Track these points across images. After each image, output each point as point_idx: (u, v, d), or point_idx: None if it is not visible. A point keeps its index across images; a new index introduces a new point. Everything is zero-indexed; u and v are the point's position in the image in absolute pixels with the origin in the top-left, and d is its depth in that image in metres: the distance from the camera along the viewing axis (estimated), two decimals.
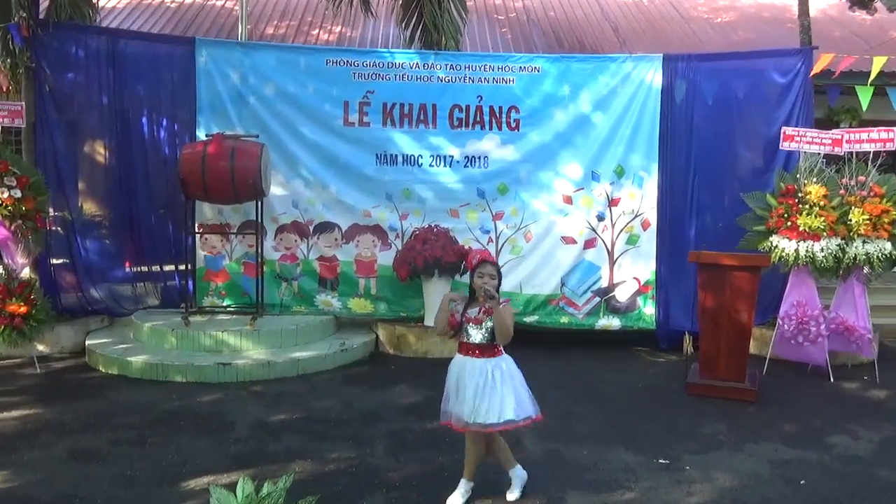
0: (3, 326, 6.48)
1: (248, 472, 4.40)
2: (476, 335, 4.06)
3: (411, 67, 7.64)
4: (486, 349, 4.04)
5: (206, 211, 7.72)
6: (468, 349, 4.07)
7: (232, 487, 2.60)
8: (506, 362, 4.08)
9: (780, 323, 6.81)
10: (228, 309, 7.70)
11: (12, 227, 6.60)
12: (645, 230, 7.65)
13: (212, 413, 5.56)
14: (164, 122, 7.66)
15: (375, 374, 6.72)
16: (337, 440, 5.04)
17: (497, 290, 4.04)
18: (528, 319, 7.65)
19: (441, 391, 4.25)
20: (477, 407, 3.93)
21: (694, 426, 5.44)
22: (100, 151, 7.67)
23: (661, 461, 4.76)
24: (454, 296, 4.14)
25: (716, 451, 4.95)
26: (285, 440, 5.02)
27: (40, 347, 7.08)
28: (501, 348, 4.10)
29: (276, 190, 7.66)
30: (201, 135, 7.50)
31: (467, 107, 7.64)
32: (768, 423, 5.55)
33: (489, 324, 4.04)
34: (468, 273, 4.21)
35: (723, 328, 6.14)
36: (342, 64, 7.63)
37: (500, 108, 7.65)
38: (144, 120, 7.62)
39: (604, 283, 7.71)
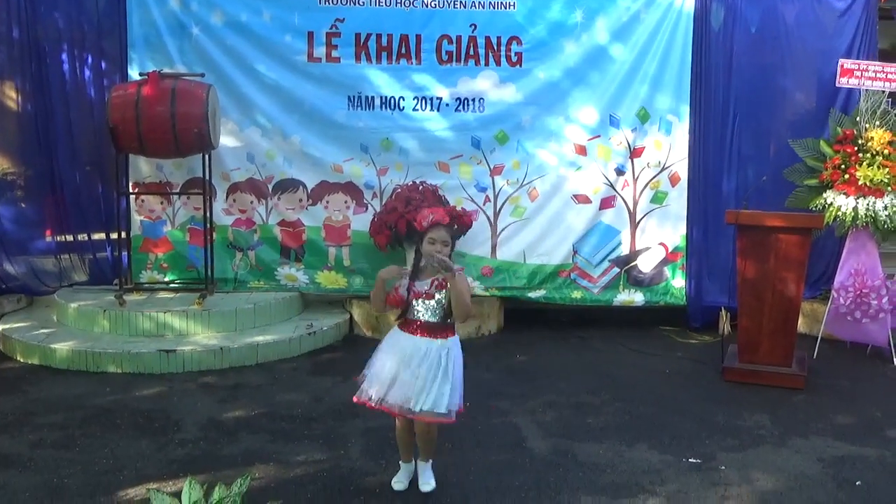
0: None
1: (197, 480, 4.43)
2: (426, 313, 4.14)
3: None
4: (438, 329, 4.15)
5: (143, 167, 7.69)
6: (416, 328, 4.16)
7: (177, 495, 2.63)
8: (456, 346, 4.20)
9: (835, 296, 6.87)
10: (172, 285, 7.70)
11: None
12: (674, 186, 7.67)
13: (153, 410, 5.58)
14: (89, 60, 7.58)
15: (350, 362, 6.73)
16: (304, 440, 5.07)
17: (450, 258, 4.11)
18: (534, 295, 7.69)
19: None
20: (426, 393, 4.06)
21: (731, 419, 5.50)
22: (10, 96, 7.60)
23: (691, 460, 4.82)
24: (392, 270, 4.18)
25: (756, 448, 5.01)
26: (243, 441, 5.06)
27: None
28: (454, 328, 4.20)
29: (226, 141, 7.62)
30: (134, 74, 7.44)
31: (458, 38, 7.60)
32: (819, 414, 5.62)
33: (443, 299, 4.10)
34: (416, 237, 4.24)
35: (766, 303, 6.19)
36: None
37: (499, 38, 7.61)
38: (64, 57, 7.55)
39: (624, 251, 7.74)
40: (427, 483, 4.35)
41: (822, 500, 4.35)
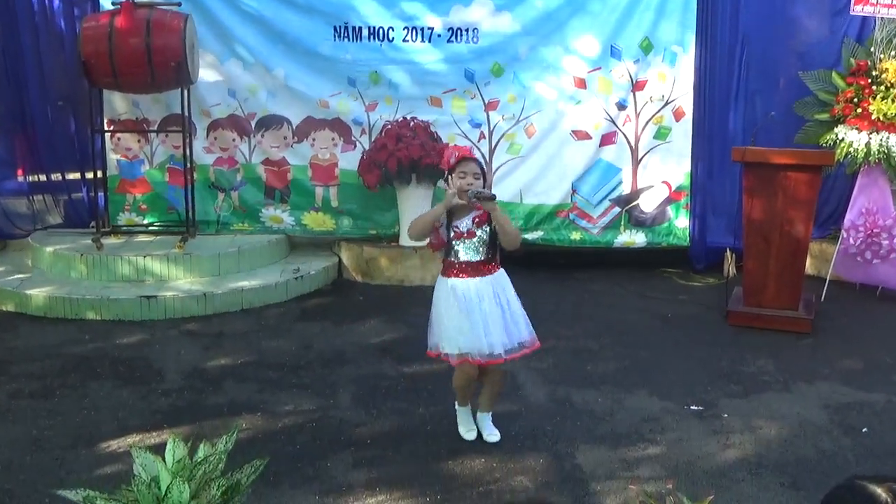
0: None
1: (181, 431, 4.49)
2: (471, 252, 4.16)
3: None
4: (484, 266, 4.19)
5: (118, 103, 7.62)
6: (462, 270, 4.16)
7: (160, 450, 2.65)
8: (506, 277, 4.27)
9: (845, 236, 6.89)
10: (151, 228, 7.70)
11: None
12: (678, 121, 7.63)
13: (135, 358, 5.62)
14: None
15: (339, 307, 6.79)
16: (293, 389, 5.12)
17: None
18: (531, 236, 7.70)
19: (422, 326, 4.32)
20: (503, 332, 4.14)
21: (734, 364, 5.56)
22: None
23: (692, 408, 4.88)
24: (452, 200, 4.11)
25: (760, 395, 5.08)
26: (228, 391, 5.11)
27: None
28: (499, 261, 4.24)
29: (206, 74, 7.54)
30: (106, 3, 7.33)
31: None
32: (825, 359, 5.68)
33: (485, 235, 4.12)
34: (444, 175, 4.25)
35: (773, 244, 6.22)
36: None
37: None
38: None
39: (625, 190, 7.74)
40: (493, 433, 4.40)
41: (827, 447, 4.42)
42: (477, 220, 4.16)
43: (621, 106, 7.64)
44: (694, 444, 4.43)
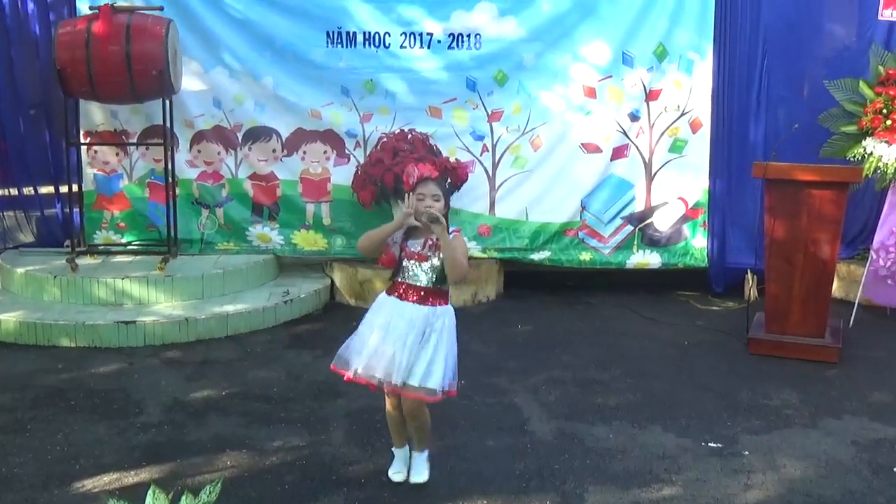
0: None
1: (160, 469, 4.49)
2: (419, 275, 4.18)
3: None
4: (431, 294, 4.18)
5: (95, 113, 7.64)
6: (407, 292, 4.19)
7: (138, 491, 2.65)
8: (449, 316, 4.23)
9: (874, 257, 6.89)
10: (130, 247, 7.70)
11: None
12: (694, 133, 7.65)
13: (112, 389, 5.61)
14: None
15: (331, 334, 6.77)
16: (281, 424, 5.11)
17: (445, 216, 4.12)
18: (537, 257, 7.71)
19: None
20: (411, 365, 4.11)
21: (756, 397, 5.55)
22: None
23: (710, 444, 4.87)
24: (407, 215, 4.13)
25: (784, 430, 5.07)
26: (211, 425, 5.10)
27: None
28: (448, 296, 4.23)
29: (190, 83, 7.57)
30: (84, 8, 7.35)
31: None
32: (854, 391, 5.67)
33: (436, 261, 4.15)
34: (405, 196, 4.27)
35: (797, 266, 6.22)
36: None
37: None
38: None
39: (638, 207, 7.75)
40: (419, 474, 4.37)
41: (857, 488, 4.41)
42: (431, 244, 4.17)
43: (634, 117, 7.65)
44: (713, 485, 4.42)
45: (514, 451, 4.74)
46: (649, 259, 7.78)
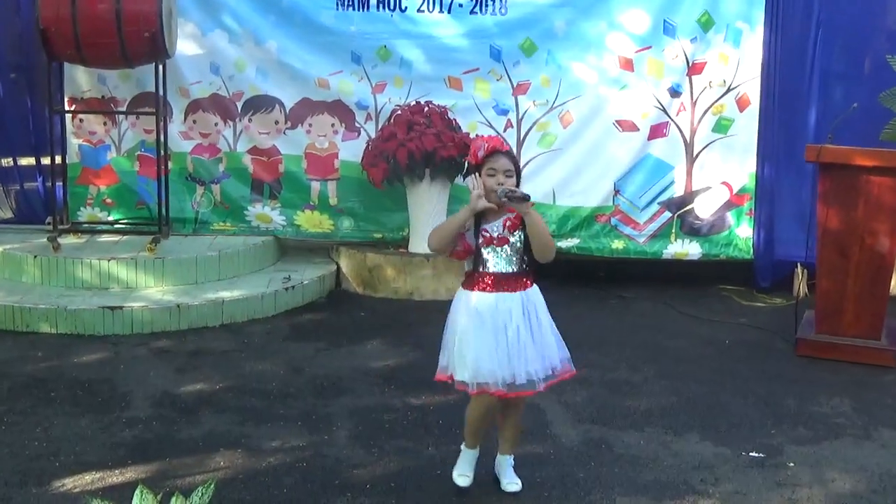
0: None
1: (148, 469, 4.52)
2: (502, 262, 4.14)
3: None
4: (517, 279, 4.17)
5: (81, 78, 7.68)
6: (490, 284, 4.15)
7: (123, 494, 2.67)
8: (540, 296, 4.25)
9: None
10: (117, 226, 7.75)
11: None
12: (742, 111, 7.63)
13: (96, 380, 5.64)
14: None
15: (336, 324, 6.80)
16: (280, 422, 5.13)
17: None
18: (565, 244, 7.71)
19: (434, 348, 4.32)
20: (526, 360, 4.12)
21: (803, 403, 5.54)
22: None
23: (752, 454, 4.86)
24: (479, 197, 4.10)
25: (834, 441, 5.05)
26: (204, 421, 5.12)
27: None
28: (533, 276, 4.23)
29: (185, 47, 7.59)
30: None
31: None
32: None
33: (518, 243, 4.12)
34: (469, 171, 4.25)
35: (852, 259, 6.20)
36: None
37: None
38: None
39: (678, 191, 7.74)
40: (514, 481, 4.36)
41: None
42: (509, 223, 4.13)
43: (675, 92, 7.63)
44: (753, 499, 4.41)
45: (534, 457, 4.74)
46: (688, 249, 7.77)
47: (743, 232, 7.73)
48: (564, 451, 4.85)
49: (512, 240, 4.13)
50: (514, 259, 4.15)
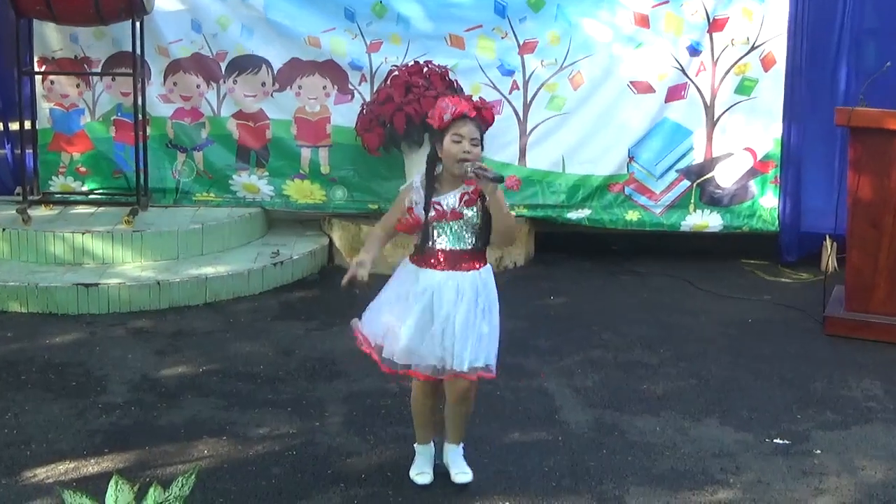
0: None
1: (125, 458, 4.54)
2: (453, 238, 4.13)
3: None
4: (468, 258, 4.15)
5: (52, 37, 7.65)
6: (439, 260, 4.14)
7: (98, 484, 2.67)
8: (490, 275, 4.23)
9: None
10: (92, 196, 7.74)
11: None
12: (766, 71, 7.60)
13: (70, 363, 5.65)
14: None
15: (328, 303, 6.81)
16: (268, 407, 5.14)
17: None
18: (575, 215, 7.71)
19: None
20: (466, 343, 4.08)
21: (832, 386, 5.54)
22: None
23: (776, 441, 4.87)
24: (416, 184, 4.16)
25: (864, 426, 5.06)
26: (186, 407, 5.13)
27: None
28: (486, 256, 4.22)
29: (164, 2, 7.56)
30: None
31: None
32: None
33: (475, 218, 4.10)
34: (433, 135, 4.22)
35: (885, 232, 6.19)
36: None
37: None
38: None
39: (697, 158, 7.73)
40: (464, 471, 4.35)
41: None
42: (467, 198, 4.09)
43: (694, 51, 7.61)
44: (777, 488, 4.42)
45: (542, 444, 4.76)
46: (708, 221, 7.76)
47: (767, 202, 7.72)
48: (574, 437, 4.86)
49: (468, 215, 4.09)
50: (467, 236, 4.12)
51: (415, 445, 4.45)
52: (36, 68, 7.62)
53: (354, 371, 5.60)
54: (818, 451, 4.78)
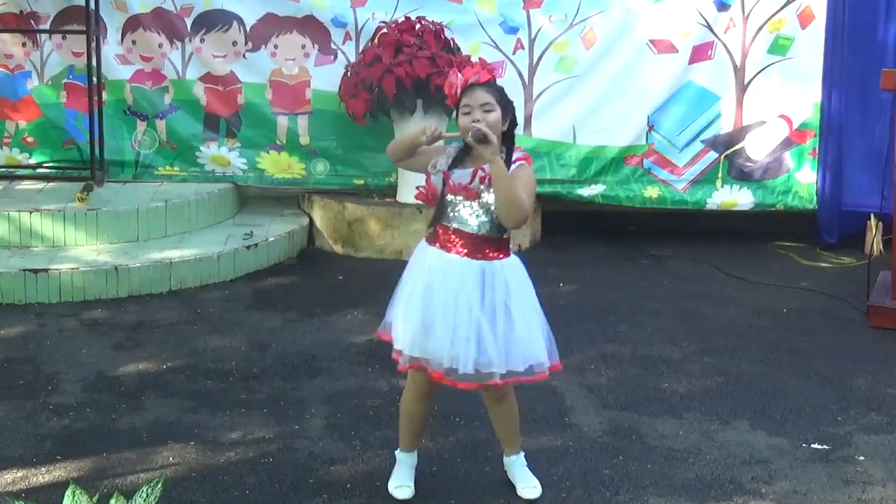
0: None
1: (81, 465, 4.53)
2: (468, 217, 4.11)
3: None
4: (485, 244, 4.12)
5: None
6: (454, 241, 4.13)
7: (51, 497, 2.68)
8: (514, 271, 4.17)
9: None
10: (40, 170, 7.74)
11: None
12: (804, 29, 7.62)
13: (16, 359, 5.64)
14: None
15: (308, 291, 6.82)
16: (241, 408, 5.14)
17: (508, 131, 4.10)
18: (588, 192, 7.72)
19: None
20: (469, 345, 4.05)
21: (876, 384, 5.55)
22: None
23: (814, 446, 4.88)
24: (421, 137, 4.12)
25: None
26: (149, 408, 5.12)
27: None
28: (509, 244, 4.19)
29: None
30: None
31: None
32: None
33: (489, 199, 4.09)
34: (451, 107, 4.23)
35: None
36: None
37: None
38: None
39: (725, 127, 7.75)
40: (532, 486, 4.34)
41: None
42: (481, 173, 4.06)
43: (722, 5, 7.61)
44: (815, 499, 4.43)
45: (551, 450, 4.76)
46: (738, 198, 7.78)
47: (804, 176, 7.73)
48: (587, 442, 4.86)
49: (485, 196, 4.05)
50: (485, 219, 4.08)
51: (397, 453, 4.45)
52: None
53: (338, 368, 5.60)
54: (861, 458, 4.78)
